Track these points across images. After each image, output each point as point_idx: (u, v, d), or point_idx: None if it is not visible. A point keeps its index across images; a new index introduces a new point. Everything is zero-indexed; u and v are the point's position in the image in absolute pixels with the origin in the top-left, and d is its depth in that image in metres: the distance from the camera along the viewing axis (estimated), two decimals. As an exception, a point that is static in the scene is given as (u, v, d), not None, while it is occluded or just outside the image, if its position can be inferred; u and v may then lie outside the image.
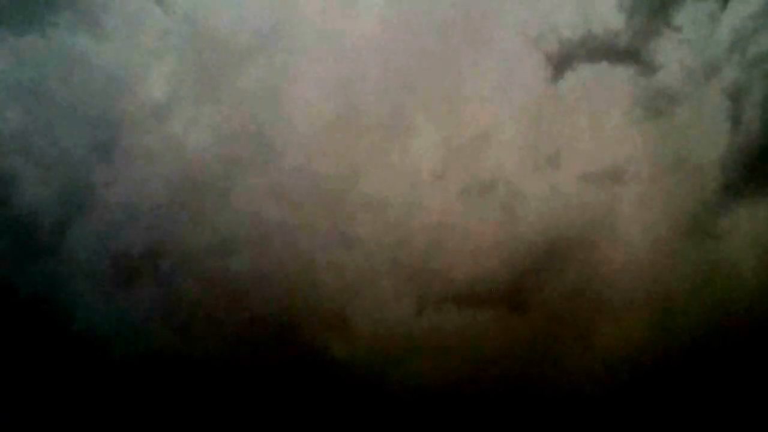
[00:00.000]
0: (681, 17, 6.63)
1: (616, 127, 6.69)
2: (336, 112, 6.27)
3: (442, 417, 6.52)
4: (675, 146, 6.70)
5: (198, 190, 6.19)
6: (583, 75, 6.71)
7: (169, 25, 6.22)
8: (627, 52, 6.69)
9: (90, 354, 6.28)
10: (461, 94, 6.54)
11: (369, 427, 6.48)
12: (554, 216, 6.54)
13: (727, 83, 6.61)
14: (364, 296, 6.48)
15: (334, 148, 6.26)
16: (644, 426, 6.61)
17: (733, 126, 6.55)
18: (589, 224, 6.60)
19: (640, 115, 6.74)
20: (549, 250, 6.55)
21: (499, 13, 6.59)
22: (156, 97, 6.22)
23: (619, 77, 6.74)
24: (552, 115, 6.68)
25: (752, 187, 6.60)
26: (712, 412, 6.51)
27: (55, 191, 6.33)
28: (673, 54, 6.65)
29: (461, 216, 6.44)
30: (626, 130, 6.69)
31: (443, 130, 6.52)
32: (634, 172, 6.64)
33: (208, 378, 6.38)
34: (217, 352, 6.38)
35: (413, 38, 6.54)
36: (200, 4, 6.30)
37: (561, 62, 6.68)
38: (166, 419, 6.36)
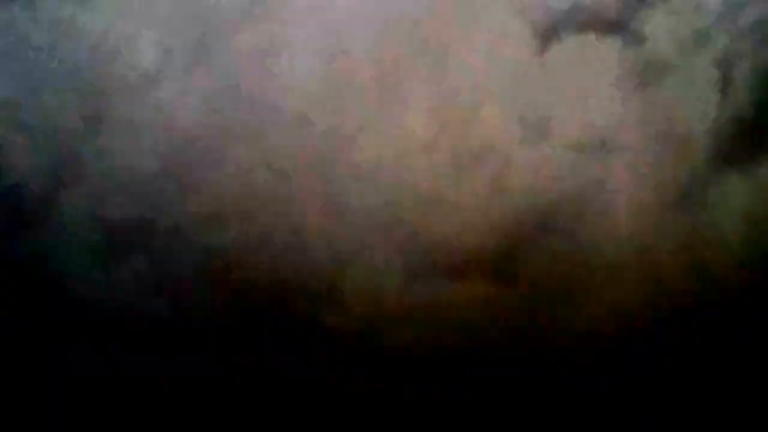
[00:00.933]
0: (670, -13, 6.65)
1: (604, 98, 6.70)
2: (326, 82, 6.26)
3: (433, 384, 6.59)
4: (664, 116, 6.71)
5: (188, 161, 6.17)
6: (570, 46, 6.70)
7: (157, -7, 6.19)
8: (615, 23, 6.70)
9: (82, 324, 6.30)
10: (450, 64, 6.53)
11: (361, 393, 6.54)
12: (544, 186, 6.56)
13: (717, 53, 6.63)
14: (355, 267, 6.51)
15: (324, 118, 6.25)
16: (635, 394, 6.71)
17: (722, 96, 6.58)
18: (579, 194, 6.63)
19: (629, 85, 6.74)
20: (538, 219, 6.58)
21: (487, -17, 6.58)
22: (145, 66, 6.18)
23: (608, 48, 6.74)
24: (540, 86, 6.68)
25: (741, 156, 6.65)
26: (701, 380, 6.62)
27: (43, 161, 6.30)
28: (662, 24, 6.66)
29: (452, 186, 6.46)
30: (615, 101, 6.70)
31: (433, 100, 6.51)
32: (623, 142, 6.65)
33: (200, 348, 6.42)
34: (209, 322, 6.42)
35: (402, 9, 6.52)
36: (188, -29, 6.27)
37: (548, 33, 6.67)
38: (157, 389, 6.41)
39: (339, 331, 6.55)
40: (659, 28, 6.66)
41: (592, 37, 6.69)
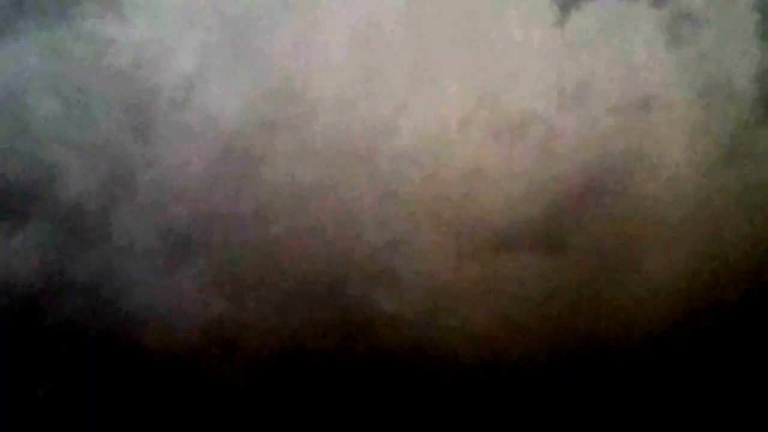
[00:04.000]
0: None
1: (640, 58, 6.64)
2: (362, 68, 6.34)
3: (490, 362, 6.59)
4: (704, 69, 6.63)
5: (234, 160, 6.31)
6: (599, 9, 6.67)
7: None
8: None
9: (150, 331, 6.49)
10: (482, 38, 6.55)
11: (421, 376, 6.59)
12: (588, 151, 6.53)
13: (752, -2, 6.52)
14: (406, 249, 6.56)
15: (362, 104, 6.33)
16: (699, 365, 6.56)
17: (762, 41, 6.44)
18: (624, 156, 6.57)
19: (664, 42, 6.68)
20: (585, 185, 6.54)
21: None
22: (186, 71, 6.35)
23: (636, 7, 6.68)
24: (574, 52, 6.65)
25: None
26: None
27: (97, 177, 6.49)
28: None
29: (494, 160, 6.47)
30: (651, 60, 6.64)
31: (467, 77, 6.54)
32: (665, 100, 6.58)
33: (264, 342, 6.56)
34: (270, 317, 6.55)
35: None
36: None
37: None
38: (226, 388, 6.56)
39: (396, 314, 6.61)
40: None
41: (620, -1, 6.65)
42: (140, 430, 6.37)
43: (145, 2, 6.47)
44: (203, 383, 6.56)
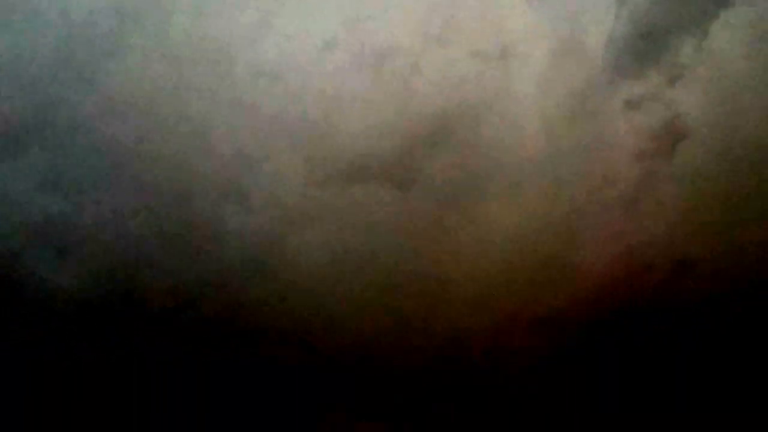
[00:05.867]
0: None
1: (504, 9, 6.82)
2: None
3: (330, 283, 6.66)
4: (561, 29, 6.89)
5: (82, 49, 5.99)
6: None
7: None
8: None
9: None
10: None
11: (264, 298, 6.57)
12: (446, 91, 6.68)
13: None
14: (258, 167, 6.50)
15: (223, 9, 6.17)
16: (535, 297, 6.91)
17: (618, 6, 6.78)
18: (479, 101, 6.78)
19: (529, -3, 6.90)
20: (441, 125, 6.69)
21: None
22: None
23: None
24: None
25: (636, 66, 6.91)
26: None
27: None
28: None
29: (355, 88, 6.49)
30: (514, 12, 6.83)
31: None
32: (522, 52, 6.81)
33: (99, 244, 6.32)
34: (109, 220, 6.31)
35: None
36: None
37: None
38: (54, 292, 6.28)
39: (243, 232, 6.54)
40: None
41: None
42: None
43: None
44: (29, 285, 6.25)
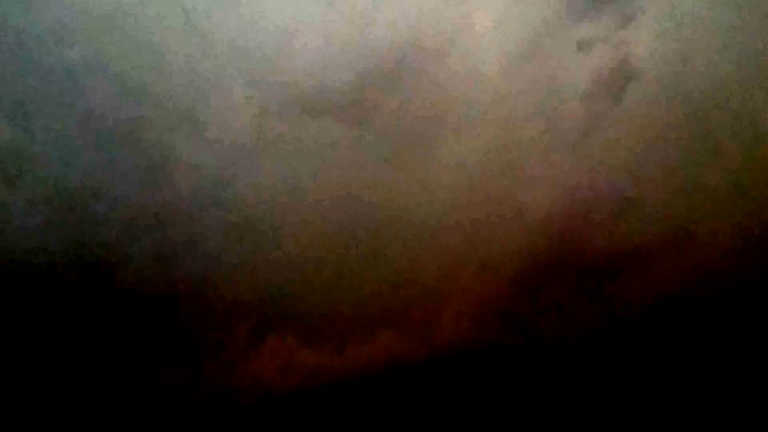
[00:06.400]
0: None
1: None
2: None
3: (285, 221, 6.71)
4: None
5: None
6: None
7: None
8: None
9: None
10: None
11: (213, 231, 6.59)
12: (406, 26, 6.64)
13: None
14: (211, 97, 6.44)
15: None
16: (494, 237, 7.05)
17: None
18: (439, 39, 6.78)
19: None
20: (399, 60, 6.68)
21: None
22: None
23: None
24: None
25: (590, 8, 6.97)
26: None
27: None
28: None
29: (311, 19, 6.42)
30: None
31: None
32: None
33: (50, 171, 6.23)
34: (59, 147, 6.21)
35: None
36: None
37: None
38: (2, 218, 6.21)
39: (195, 163, 6.51)
40: None
41: None
42: None
43: None
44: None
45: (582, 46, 6.94)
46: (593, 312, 7.05)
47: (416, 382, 6.79)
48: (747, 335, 6.45)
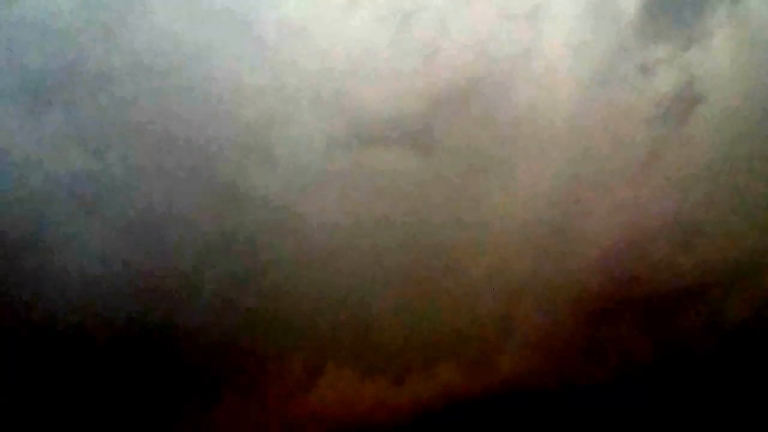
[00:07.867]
0: None
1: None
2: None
3: (348, 252, 6.66)
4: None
5: (111, 4, 5.99)
6: None
7: None
8: None
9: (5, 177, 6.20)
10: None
11: (286, 251, 6.61)
12: (474, 52, 6.57)
13: None
14: (284, 128, 6.49)
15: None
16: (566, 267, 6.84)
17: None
18: (509, 63, 6.67)
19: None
20: (467, 87, 6.61)
21: None
22: None
23: None
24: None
25: (667, 32, 6.75)
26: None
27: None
28: None
29: (379, 48, 6.41)
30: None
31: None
32: (553, 11, 6.68)
33: (127, 202, 6.38)
34: (135, 177, 6.37)
35: None
36: None
37: None
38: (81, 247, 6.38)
39: (264, 193, 6.56)
40: None
41: None
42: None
43: None
44: (56, 244, 6.34)
45: (649, 68, 6.74)
46: (657, 348, 6.84)
47: (477, 416, 6.69)
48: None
